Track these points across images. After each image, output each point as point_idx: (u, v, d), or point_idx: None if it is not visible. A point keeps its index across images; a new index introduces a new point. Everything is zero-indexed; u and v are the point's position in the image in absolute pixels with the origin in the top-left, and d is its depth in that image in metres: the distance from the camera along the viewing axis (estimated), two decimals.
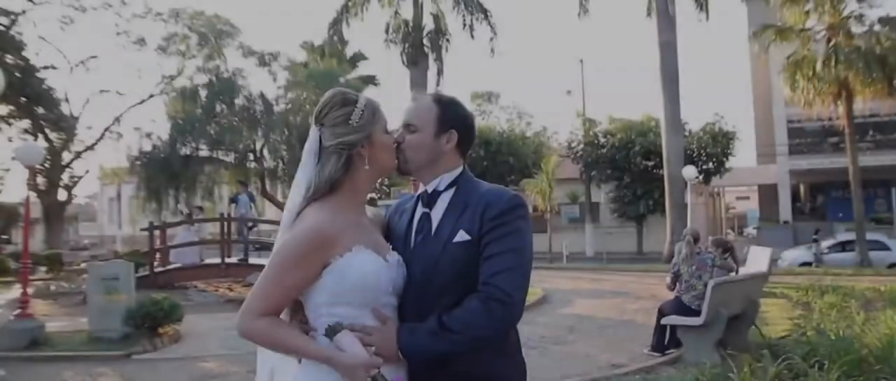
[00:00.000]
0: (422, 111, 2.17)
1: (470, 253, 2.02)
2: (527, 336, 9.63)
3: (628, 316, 11.24)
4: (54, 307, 13.03)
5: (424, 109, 2.18)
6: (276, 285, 1.93)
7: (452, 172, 2.18)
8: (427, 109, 2.18)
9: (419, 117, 2.16)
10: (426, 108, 2.18)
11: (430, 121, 2.16)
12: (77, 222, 53.60)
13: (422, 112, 2.17)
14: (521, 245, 2.02)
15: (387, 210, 2.39)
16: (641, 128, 29.94)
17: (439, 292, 2.03)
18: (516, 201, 2.08)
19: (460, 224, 2.07)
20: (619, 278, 18.48)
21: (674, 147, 19.41)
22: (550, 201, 27.00)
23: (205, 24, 24.86)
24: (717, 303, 7.43)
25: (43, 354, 8.68)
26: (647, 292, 14.19)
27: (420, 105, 2.19)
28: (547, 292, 14.33)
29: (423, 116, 2.16)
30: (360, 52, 31.79)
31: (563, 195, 33.36)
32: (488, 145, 33.19)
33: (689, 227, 9.58)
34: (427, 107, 2.18)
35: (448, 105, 2.24)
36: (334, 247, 1.93)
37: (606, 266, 22.96)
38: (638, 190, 30.36)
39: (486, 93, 56.06)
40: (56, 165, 25.48)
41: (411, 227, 2.18)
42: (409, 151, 2.13)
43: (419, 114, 2.17)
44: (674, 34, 19.58)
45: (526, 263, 2.02)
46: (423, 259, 2.08)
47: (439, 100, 2.23)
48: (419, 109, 2.18)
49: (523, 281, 1.99)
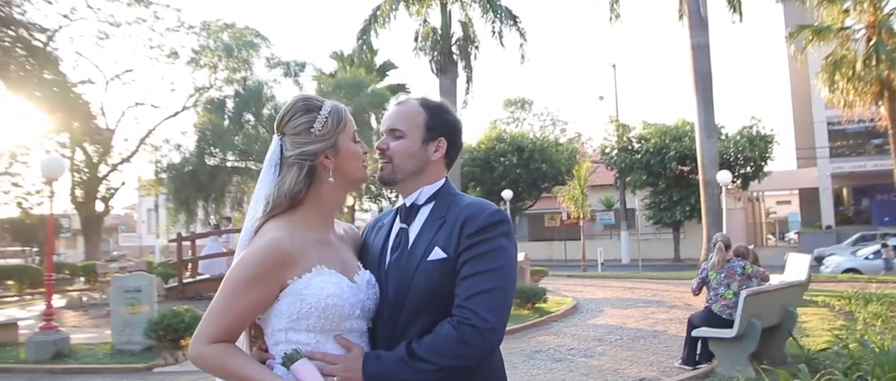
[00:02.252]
0: (409, 116, 1.98)
1: (445, 272, 1.83)
2: (555, 348, 9.42)
3: (660, 327, 10.87)
4: (84, 319, 13.13)
5: (411, 114, 1.98)
6: (229, 308, 1.74)
7: (434, 184, 2.00)
8: (414, 114, 1.99)
9: (406, 122, 1.97)
10: (413, 112, 1.99)
11: (418, 127, 1.98)
12: (117, 233, 54.65)
13: (409, 117, 1.98)
14: (501, 265, 1.80)
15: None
16: (676, 132, 29.41)
17: (413, 315, 1.84)
18: (498, 216, 1.87)
19: (436, 241, 1.87)
20: (653, 286, 18.03)
21: (708, 151, 18.89)
22: (584, 208, 26.62)
23: (234, 36, 25.06)
24: (751, 314, 7.07)
25: (66, 366, 8.68)
26: (681, 300, 13.79)
27: (407, 109, 2.00)
28: (578, 302, 14.03)
29: (410, 121, 1.97)
30: (390, 61, 31.87)
31: (597, 202, 32.96)
32: (521, 152, 33.04)
33: (721, 234, 9.21)
34: (414, 111, 1.99)
35: (437, 110, 2.04)
36: (292, 267, 1.75)
37: (640, 274, 22.44)
38: (674, 196, 29.81)
39: (519, 100, 55.99)
40: (93, 177, 25.90)
41: (387, 244, 1.98)
42: (396, 159, 1.94)
43: (406, 118, 1.98)
44: (706, 37, 19.09)
45: (506, 285, 1.80)
46: (397, 279, 1.89)
47: (427, 104, 2.03)
48: (406, 113, 1.99)
49: (502, 305, 1.78)
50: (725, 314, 7.37)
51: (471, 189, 34.56)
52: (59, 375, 8.47)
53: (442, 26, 25.51)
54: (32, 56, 20.89)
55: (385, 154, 1.95)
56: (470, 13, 25.63)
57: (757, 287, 7.45)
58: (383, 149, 1.95)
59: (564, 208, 28.38)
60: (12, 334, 10.12)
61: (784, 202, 46.30)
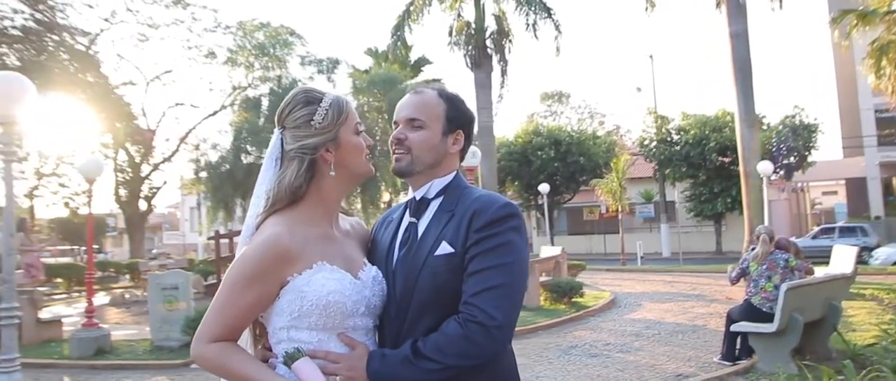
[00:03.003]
0: (429, 106, 1.92)
1: (453, 268, 1.76)
2: (591, 342, 9.28)
3: (700, 321, 10.64)
4: (126, 315, 13.39)
5: (432, 104, 1.92)
6: (229, 306, 1.71)
7: (445, 177, 1.93)
8: (435, 104, 1.93)
9: (426, 112, 1.91)
10: (433, 102, 1.93)
11: (438, 118, 1.92)
12: (162, 232, 55.78)
13: (429, 107, 1.92)
14: (511, 261, 1.73)
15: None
16: (716, 123, 28.80)
17: (419, 312, 1.78)
18: (508, 209, 1.79)
19: (444, 235, 1.81)
20: (694, 279, 17.72)
21: (749, 142, 18.42)
22: (622, 201, 26.25)
23: (270, 35, 25.28)
24: (792, 308, 6.85)
25: (106, 362, 8.85)
26: (722, 294, 13.49)
27: (426, 99, 1.93)
28: (616, 296, 13.85)
29: (430, 112, 1.91)
30: (424, 56, 31.84)
31: (636, 195, 32.49)
32: (558, 146, 32.73)
33: (764, 226, 8.95)
34: (435, 102, 1.93)
35: (456, 102, 1.99)
36: (293, 263, 1.71)
37: (681, 267, 22.06)
38: (714, 187, 29.19)
39: (556, 93, 55.48)
40: (136, 177, 26.46)
41: (395, 239, 1.93)
42: (415, 150, 1.88)
43: (426, 109, 1.91)
44: (745, 24, 18.59)
45: (515, 281, 1.73)
46: (404, 275, 1.83)
47: (447, 95, 1.98)
48: (426, 103, 1.92)
49: (510, 302, 1.71)
50: (765, 307, 7.16)
51: (509, 184, 34.40)
52: (100, 370, 8.64)
53: (476, 20, 25.37)
54: (75, 60, 21.36)
55: (402, 144, 1.89)
56: (503, 6, 25.45)
57: (798, 280, 7.21)
58: (401, 139, 1.89)
59: (603, 201, 28.04)
60: (57, 330, 10.37)
61: (830, 193, 44.97)
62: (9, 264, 5.07)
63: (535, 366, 7.88)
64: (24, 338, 9.85)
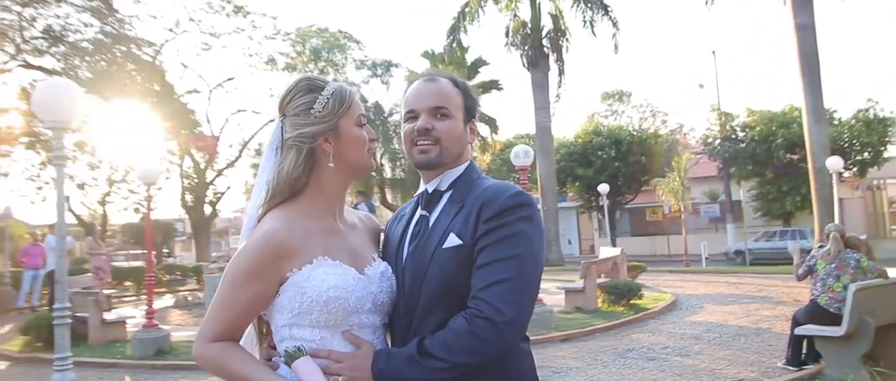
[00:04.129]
0: (451, 95, 1.84)
1: (461, 261, 1.68)
2: (648, 346, 9.01)
3: (764, 324, 10.22)
4: (187, 317, 13.70)
5: (453, 93, 1.85)
6: (228, 304, 1.66)
7: (458, 168, 1.85)
8: (455, 93, 1.86)
9: (450, 101, 1.83)
10: (453, 91, 1.86)
11: (459, 107, 1.85)
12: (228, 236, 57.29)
13: (451, 95, 1.84)
14: (522, 252, 1.64)
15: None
16: (783, 119, 27.76)
17: (428, 308, 1.70)
18: (519, 198, 1.70)
19: (452, 227, 1.72)
20: (760, 281, 17.07)
21: (817, 137, 17.73)
22: (685, 201, 25.59)
23: (326, 40, 25.62)
24: (862, 310, 6.46)
25: (165, 362, 9.05)
26: (790, 296, 12.95)
27: (446, 88, 1.85)
28: (677, 297, 13.44)
29: (452, 101, 1.84)
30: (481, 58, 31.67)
31: (700, 194, 31.66)
32: (619, 145, 32.20)
33: (834, 224, 8.53)
34: (454, 90, 1.86)
35: (468, 91, 1.93)
36: (291, 258, 1.64)
37: (746, 268, 21.32)
38: (783, 186, 28.17)
39: (616, 92, 54.60)
40: (201, 182, 27.20)
41: (406, 233, 1.85)
42: (445, 141, 1.79)
43: (448, 97, 1.84)
44: (811, 16, 17.88)
45: (527, 273, 1.62)
46: (413, 270, 1.75)
47: (461, 84, 1.91)
48: (447, 91, 1.85)
49: (521, 295, 1.60)
50: (833, 308, 6.78)
51: (569, 184, 33.99)
52: (159, 370, 8.84)
53: (531, 19, 25.25)
54: (142, 70, 22.08)
55: (429, 135, 1.79)
56: (560, 4, 25.26)
57: (868, 281, 6.80)
58: (428, 128, 1.79)
59: (665, 201, 27.43)
60: (121, 331, 10.67)
61: None
62: (60, 267, 5.21)
63: (589, 370, 7.67)
64: (90, 338, 10.22)
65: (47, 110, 4.91)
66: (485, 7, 25.42)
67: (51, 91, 5.00)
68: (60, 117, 4.94)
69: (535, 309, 8.76)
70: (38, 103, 4.94)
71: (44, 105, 4.90)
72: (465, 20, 25.27)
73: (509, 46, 26.32)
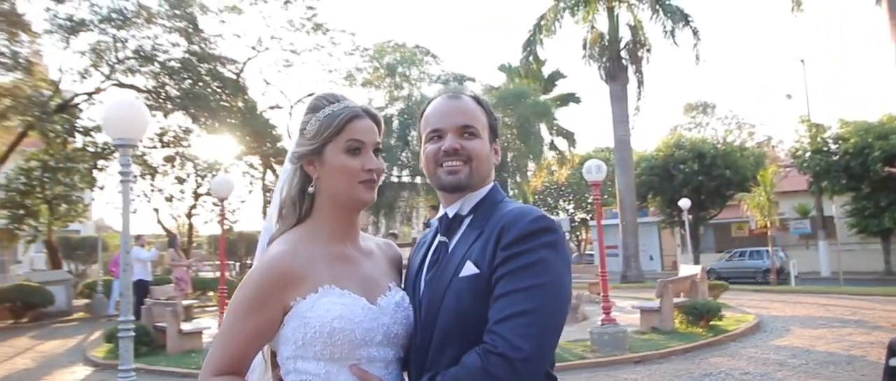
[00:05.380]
0: (476, 113, 1.74)
1: (478, 292, 1.54)
2: (727, 371, 8.57)
3: (857, 351, 9.55)
4: None
5: (477, 111, 1.74)
6: (230, 336, 1.58)
7: (481, 190, 1.72)
8: (480, 112, 1.75)
9: (477, 120, 1.72)
10: (477, 109, 1.75)
11: (485, 126, 1.74)
12: None
13: (476, 114, 1.73)
14: (543, 281, 1.49)
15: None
16: (881, 130, 26.13)
17: (443, 342, 1.57)
18: (541, 223, 1.56)
19: (469, 254, 1.59)
20: (855, 303, 16.06)
21: None
22: (772, 217, 24.46)
23: (404, 56, 25.90)
24: None
25: None
26: (888, 321, 12.11)
27: (471, 105, 1.75)
28: (761, 319, 12.80)
29: (479, 120, 1.73)
30: (558, 71, 31.46)
31: (789, 210, 30.24)
32: (702, 159, 31.16)
33: None
34: (477, 108, 1.75)
35: (491, 109, 1.81)
36: (296, 286, 1.55)
37: (840, 289, 20.12)
38: (881, 201, 26.49)
39: (700, 104, 53.17)
40: None
41: (425, 261, 1.74)
42: (476, 161, 1.68)
43: (474, 115, 1.72)
44: None
45: (549, 305, 1.48)
46: (428, 300, 1.63)
47: (483, 102, 1.79)
48: (474, 109, 1.74)
49: (541, 330, 1.46)
50: None
51: (650, 199, 33.12)
52: None
53: (609, 31, 24.83)
54: (226, 87, 22.86)
55: (459, 155, 1.67)
56: (639, 15, 24.73)
57: None
58: (456, 149, 1.67)
59: (751, 216, 26.29)
60: (197, 341, 10.97)
61: None
62: (125, 280, 5.35)
63: None
64: (168, 348, 10.56)
65: (114, 127, 5.08)
66: (562, 19, 25.16)
67: (118, 108, 5.16)
68: (126, 134, 5.09)
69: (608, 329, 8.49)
70: (105, 120, 5.12)
71: (111, 122, 5.07)
72: (542, 33, 25.05)
73: (587, 59, 25.98)
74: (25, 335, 14.88)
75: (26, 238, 23.49)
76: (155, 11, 19.90)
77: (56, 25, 18.67)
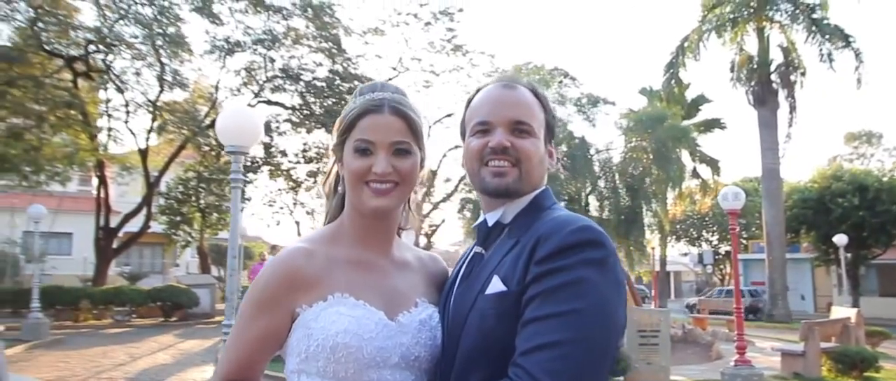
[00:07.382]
0: (533, 107, 1.50)
1: (503, 312, 1.31)
2: None
3: None
4: None
5: (535, 106, 1.51)
6: (238, 340, 1.45)
7: (528, 195, 1.48)
8: (538, 107, 1.51)
9: (532, 116, 1.49)
10: (535, 103, 1.51)
11: (542, 124, 1.51)
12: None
13: (533, 108, 1.50)
14: (582, 307, 1.22)
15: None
16: None
17: (465, 367, 1.35)
18: (584, 234, 1.29)
19: (499, 268, 1.36)
20: None
21: None
22: None
23: (542, 77, 25.66)
24: None
25: None
26: None
27: (528, 98, 1.51)
28: None
29: (536, 116, 1.50)
30: (703, 95, 30.00)
31: None
32: (864, 192, 28.43)
33: None
34: (535, 102, 1.52)
35: (549, 105, 1.56)
36: (305, 291, 1.39)
37: None
38: None
39: (864, 133, 48.97)
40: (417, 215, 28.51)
41: (458, 275, 1.53)
42: (526, 163, 1.45)
43: (531, 110, 1.49)
44: None
45: (588, 335, 1.21)
46: (453, 319, 1.43)
47: (542, 95, 1.55)
48: (529, 103, 1.51)
49: (574, 365, 1.19)
50: None
51: (803, 234, 30.69)
52: None
53: (759, 53, 23.39)
54: None
55: (508, 154, 1.44)
56: (792, 36, 23.07)
57: None
58: (506, 146, 1.44)
59: None
60: None
61: None
62: (231, 285, 5.48)
63: None
64: None
65: (228, 135, 5.25)
66: (707, 41, 23.99)
67: (231, 117, 5.34)
68: (238, 141, 5.25)
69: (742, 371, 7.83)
70: (220, 128, 5.31)
71: (225, 130, 5.25)
72: (685, 55, 23.99)
73: (734, 82, 24.61)
74: (170, 332, 16.01)
75: (181, 243, 25.44)
76: (302, 33, 20.95)
77: (214, 47, 20.14)
